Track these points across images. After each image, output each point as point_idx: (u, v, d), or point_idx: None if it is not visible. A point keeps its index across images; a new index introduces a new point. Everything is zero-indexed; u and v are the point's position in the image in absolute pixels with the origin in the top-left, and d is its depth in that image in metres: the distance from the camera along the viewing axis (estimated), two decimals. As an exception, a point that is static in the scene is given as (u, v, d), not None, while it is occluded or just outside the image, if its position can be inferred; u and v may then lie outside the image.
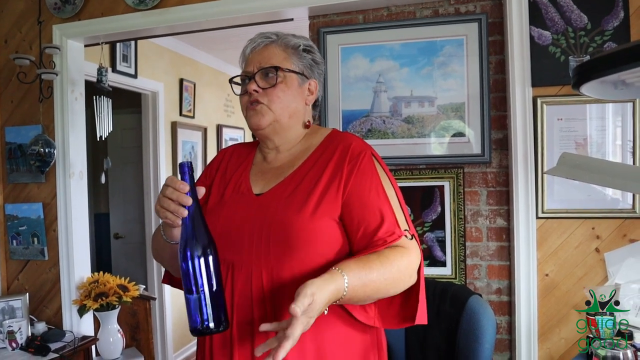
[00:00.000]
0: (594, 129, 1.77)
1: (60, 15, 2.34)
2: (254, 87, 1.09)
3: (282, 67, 1.09)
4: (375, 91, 2.02)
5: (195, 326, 0.92)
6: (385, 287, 0.96)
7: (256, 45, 1.12)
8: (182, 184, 0.92)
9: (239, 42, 4.09)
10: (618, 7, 1.72)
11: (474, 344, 1.32)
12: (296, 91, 1.12)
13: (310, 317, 0.86)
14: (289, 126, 1.12)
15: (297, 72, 1.12)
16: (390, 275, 0.95)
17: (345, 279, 0.90)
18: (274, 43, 1.12)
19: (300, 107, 1.14)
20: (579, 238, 1.78)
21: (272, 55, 1.10)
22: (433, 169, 1.97)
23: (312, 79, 1.16)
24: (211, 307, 0.91)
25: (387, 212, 1.02)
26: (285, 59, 1.11)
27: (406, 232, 1.03)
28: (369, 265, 0.94)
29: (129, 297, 2.29)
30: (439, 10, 1.98)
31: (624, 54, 0.63)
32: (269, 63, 1.09)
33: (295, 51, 1.13)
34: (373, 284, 0.94)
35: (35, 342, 2.14)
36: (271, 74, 1.09)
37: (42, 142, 2.29)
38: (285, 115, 1.10)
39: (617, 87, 0.74)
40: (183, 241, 0.93)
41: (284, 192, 1.05)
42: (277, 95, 1.09)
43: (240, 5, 2.07)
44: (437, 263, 1.97)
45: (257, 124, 1.10)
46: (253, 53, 1.12)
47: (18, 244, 2.47)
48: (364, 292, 0.94)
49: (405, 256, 0.99)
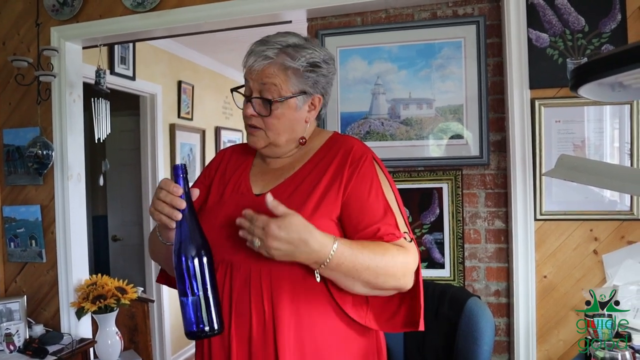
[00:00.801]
0: (592, 131, 1.77)
1: (58, 17, 2.34)
2: (250, 112, 1.08)
3: (278, 97, 1.05)
4: (373, 93, 2.03)
5: (190, 329, 0.92)
6: (375, 270, 0.96)
7: (255, 64, 1.05)
8: (176, 186, 0.92)
9: (238, 44, 4.09)
10: (615, 9, 1.73)
11: (473, 345, 1.32)
12: (294, 115, 1.09)
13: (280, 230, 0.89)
14: (286, 145, 1.13)
15: (297, 95, 1.08)
16: (383, 262, 0.96)
17: (336, 243, 0.93)
18: (272, 64, 1.05)
19: (299, 127, 1.12)
20: (577, 240, 1.78)
21: (271, 78, 1.05)
22: (431, 171, 1.98)
23: (317, 94, 1.11)
24: (206, 310, 0.91)
25: (387, 215, 1.02)
26: (284, 81, 1.05)
27: (405, 234, 1.03)
28: (363, 244, 0.97)
29: (127, 300, 2.29)
30: (437, 12, 1.98)
31: (621, 56, 0.63)
32: (266, 89, 1.05)
33: (296, 72, 1.06)
34: (363, 261, 0.95)
35: (33, 345, 2.13)
36: (266, 103, 1.06)
37: (40, 144, 2.29)
38: (283, 138, 1.10)
39: (615, 89, 0.74)
40: (177, 244, 0.93)
41: (284, 193, 1.05)
42: (272, 123, 1.08)
43: (238, 7, 2.07)
44: (435, 265, 1.97)
45: (254, 145, 1.12)
46: (252, 71, 1.06)
47: (16, 246, 2.46)
48: (352, 265, 0.94)
49: (402, 253, 0.99)
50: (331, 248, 0.92)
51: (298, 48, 1.07)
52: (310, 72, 1.08)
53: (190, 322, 0.92)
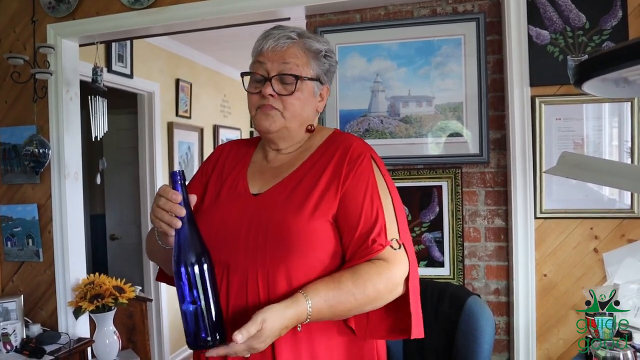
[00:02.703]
0: (591, 129, 1.77)
1: (55, 14, 2.32)
2: (269, 92, 1.05)
3: (302, 75, 1.06)
4: (372, 91, 2.01)
5: (192, 340, 0.90)
6: (357, 306, 0.95)
7: (277, 44, 1.05)
8: (175, 194, 0.91)
9: (236, 42, 4.07)
10: (616, 6, 1.72)
11: (473, 344, 1.32)
12: (310, 99, 1.10)
13: (261, 342, 0.87)
14: (296, 132, 1.11)
15: (315, 79, 1.09)
16: (364, 295, 0.94)
17: (309, 303, 0.90)
18: (295, 44, 1.06)
19: (311, 114, 1.12)
20: (577, 238, 1.77)
21: (293, 58, 1.05)
22: (431, 169, 1.97)
23: (326, 84, 1.14)
24: (208, 320, 0.89)
25: (378, 219, 1.00)
26: (306, 63, 1.07)
27: (393, 241, 1.00)
28: (338, 286, 0.94)
29: (125, 299, 2.28)
30: (436, 9, 1.97)
31: (626, 51, 0.62)
32: (288, 69, 1.05)
33: (316, 56, 1.09)
34: (342, 305, 0.93)
35: (30, 345, 2.12)
36: (290, 81, 1.05)
37: (36, 143, 2.27)
38: (297, 123, 1.09)
39: (619, 85, 0.73)
40: (176, 251, 0.91)
41: (283, 193, 1.04)
42: (292, 103, 1.06)
43: (236, 4, 2.05)
44: (435, 263, 1.96)
45: (267, 128, 1.07)
46: (273, 51, 1.05)
47: (12, 245, 2.45)
48: (332, 313, 0.93)
49: (385, 272, 0.96)
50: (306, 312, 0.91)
51: (314, 34, 1.12)
52: (326, 57, 1.11)
53: (190, 332, 0.90)
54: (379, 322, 1.02)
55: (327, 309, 0.92)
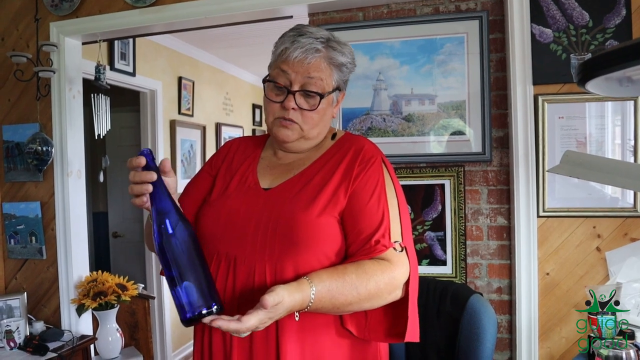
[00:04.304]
0: (594, 128, 1.76)
1: (58, 12, 2.32)
2: (292, 105, 1.04)
3: (325, 91, 1.06)
4: (375, 89, 2.01)
5: (184, 313, 0.88)
6: (358, 301, 0.94)
7: (305, 57, 1.03)
8: (137, 158, 0.90)
9: (238, 40, 4.07)
10: (620, 4, 1.71)
11: (475, 343, 1.32)
12: (328, 109, 1.11)
13: (270, 318, 0.86)
14: (316, 139, 1.12)
15: (335, 90, 1.09)
16: (365, 290, 0.94)
17: (313, 289, 0.90)
18: (321, 57, 1.05)
19: (328, 122, 1.13)
20: (580, 237, 1.77)
21: (318, 72, 1.04)
22: (433, 168, 1.96)
23: (343, 90, 1.14)
24: (199, 289, 0.88)
25: (383, 220, 1.00)
26: (329, 76, 1.07)
27: (396, 244, 1.00)
28: (342, 277, 0.93)
29: (128, 296, 2.28)
30: (439, 7, 1.96)
31: (630, 50, 0.62)
32: (313, 83, 1.04)
33: (339, 68, 1.08)
34: (343, 297, 0.93)
35: (34, 342, 2.13)
36: (313, 99, 1.05)
37: (39, 141, 2.28)
38: (314, 132, 1.09)
39: (623, 84, 0.73)
40: (153, 220, 0.92)
41: (293, 189, 1.04)
42: (312, 117, 1.06)
43: (238, 2, 2.05)
44: (437, 262, 1.96)
45: (284, 139, 1.08)
46: (299, 63, 1.03)
47: (16, 242, 2.46)
48: (332, 304, 0.93)
49: (388, 272, 0.96)
50: (309, 298, 0.90)
51: (339, 42, 1.09)
52: (349, 66, 1.11)
53: (179, 303, 0.88)
54: (377, 324, 1.03)
55: (328, 299, 0.92)
